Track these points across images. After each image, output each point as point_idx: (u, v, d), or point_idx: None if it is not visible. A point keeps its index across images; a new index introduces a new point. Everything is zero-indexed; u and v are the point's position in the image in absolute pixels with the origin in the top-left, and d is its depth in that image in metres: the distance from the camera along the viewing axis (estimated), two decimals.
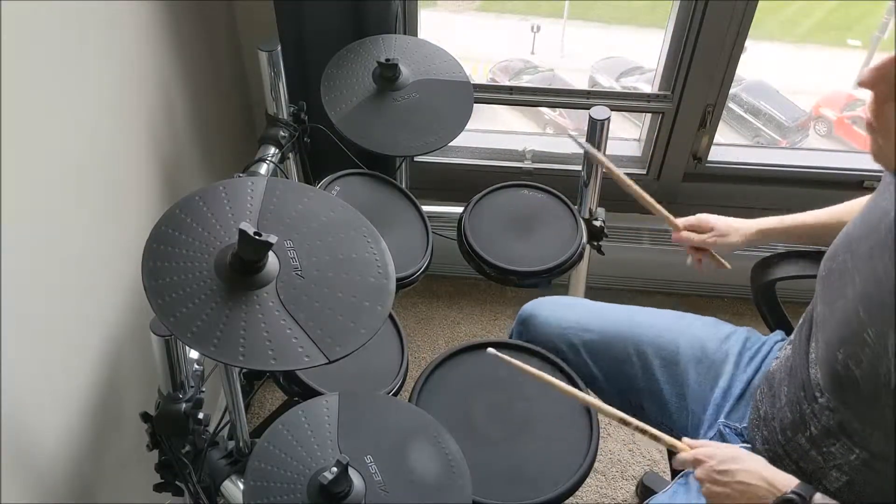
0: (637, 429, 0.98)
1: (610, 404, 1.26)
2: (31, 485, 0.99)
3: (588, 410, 1.15)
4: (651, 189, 1.95)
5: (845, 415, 0.88)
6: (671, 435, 1.20)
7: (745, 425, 1.09)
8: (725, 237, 1.26)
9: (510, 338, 1.35)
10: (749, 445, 1.06)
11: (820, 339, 0.92)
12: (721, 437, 1.10)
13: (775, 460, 1.00)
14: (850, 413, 0.87)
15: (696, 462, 0.95)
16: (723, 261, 1.31)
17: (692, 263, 1.33)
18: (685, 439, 0.99)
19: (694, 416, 1.17)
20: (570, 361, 1.24)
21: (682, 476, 1.09)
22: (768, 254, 1.29)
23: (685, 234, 1.29)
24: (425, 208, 1.46)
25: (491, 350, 1.02)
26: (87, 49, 1.07)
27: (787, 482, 0.88)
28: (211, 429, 1.09)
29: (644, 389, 1.21)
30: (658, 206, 1.28)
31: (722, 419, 1.12)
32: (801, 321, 1.03)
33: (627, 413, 1.26)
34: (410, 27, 1.72)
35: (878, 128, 0.79)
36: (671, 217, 1.30)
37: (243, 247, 0.82)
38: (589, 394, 1.15)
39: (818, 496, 0.85)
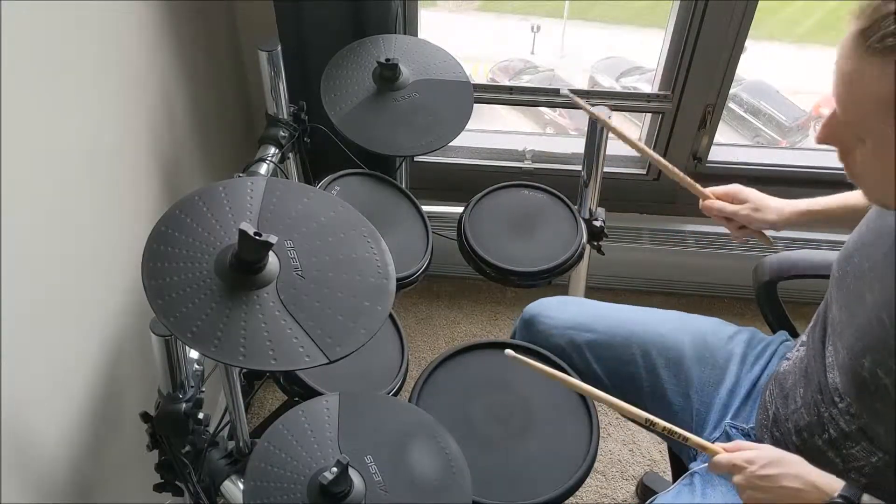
0: (665, 430, 0.95)
1: None
2: (31, 485, 0.99)
3: (588, 411, 1.14)
4: (651, 189, 1.96)
5: (868, 420, 0.87)
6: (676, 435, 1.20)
7: (751, 426, 1.09)
8: (761, 213, 1.17)
9: (512, 338, 1.35)
10: None
11: (839, 345, 0.91)
12: (727, 438, 1.09)
13: None
14: (874, 419, 0.86)
15: (735, 468, 0.91)
16: (768, 237, 1.22)
17: (734, 236, 1.23)
18: (718, 443, 0.96)
19: (699, 416, 1.17)
20: (574, 362, 1.23)
21: (686, 476, 1.08)
22: (768, 254, 1.29)
23: (717, 203, 1.20)
24: (425, 208, 1.46)
25: (509, 351, 0.99)
26: (86, 50, 1.07)
27: (833, 484, 0.85)
28: (211, 429, 1.09)
29: (648, 390, 1.21)
30: (681, 174, 1.21)
31: (728, 420, 1.11)
32: (812, 322, 1.02)
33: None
34: (410, 27, 1.72)
35: (854, 176, 0.80)
36: (696, 185, 1.21)
37: (243, 247, 0.82)
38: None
39: (866, 497, 0.83)
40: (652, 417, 0.96)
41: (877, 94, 0.71)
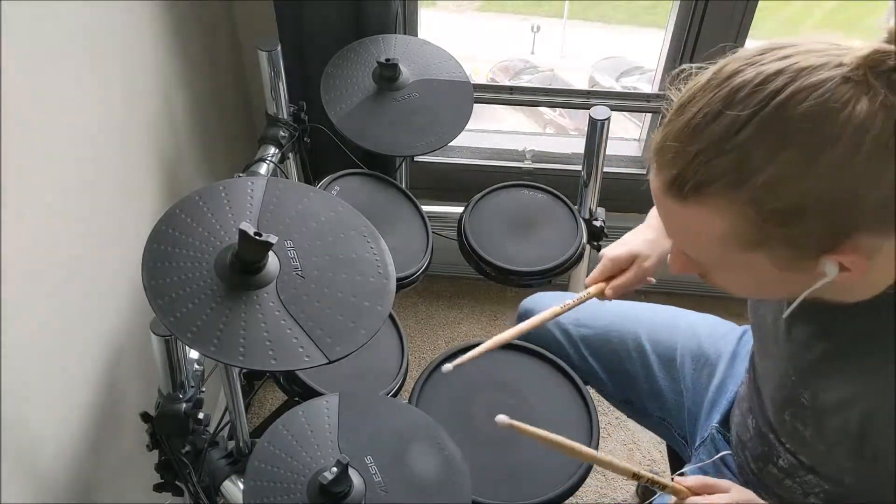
0: (648, 481, 0.88)
1: (611, 400, 1.26)
2: (31, 485, 0.99)
3: (588, 411, 1.15)
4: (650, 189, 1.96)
5: (812, 459, 0.87)
6: (673, 433, 1.20)
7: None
8: (650, 260, 1.07)
9: None
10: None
11: (764, 393, 0.92)
12: (712, 442, 1.08)
13: (748, 485, 0.97)
14: (815, 461, 0.86)
15: None
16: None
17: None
18: (680, 479, 0.90)
19: (691, 413, 1.16)
20: (571, 357, 1.23)
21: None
22: None
23: (619, 281, 1.05)
24: (425, 208, 1.46)
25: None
26: (86, 50, 1.07)
27: None
28: (211, 429, 1.09)
29: (644, 385, 1.21)
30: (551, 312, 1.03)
31: (715, 424, 1.10)
32: (749, 357, 1.01)
33: (628, 411, 1.26)
34: (410, 27, 1.72)
35: (720, 288, 0.80)
36: (588, 288, 1.06)
37: (243, 247, 0.82)
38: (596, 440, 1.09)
39: None
40: (637, 471, 0.88)
41: (714, 235, 0.68)
